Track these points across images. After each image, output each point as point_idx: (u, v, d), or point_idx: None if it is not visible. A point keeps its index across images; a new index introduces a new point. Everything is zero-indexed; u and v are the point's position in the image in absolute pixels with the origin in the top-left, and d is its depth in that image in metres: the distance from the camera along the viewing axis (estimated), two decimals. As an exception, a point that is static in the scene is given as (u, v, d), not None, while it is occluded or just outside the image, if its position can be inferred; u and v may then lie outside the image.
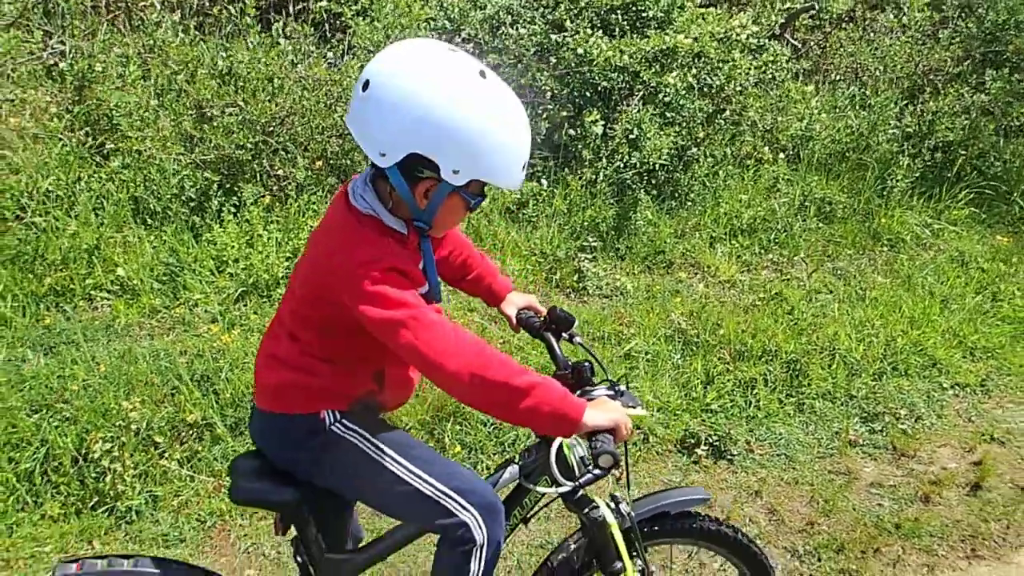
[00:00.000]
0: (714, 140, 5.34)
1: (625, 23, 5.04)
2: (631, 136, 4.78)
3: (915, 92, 6.40)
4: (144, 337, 3.72)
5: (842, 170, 5.60)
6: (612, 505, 1.80)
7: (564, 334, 1.95)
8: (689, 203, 5.09)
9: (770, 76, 5.55)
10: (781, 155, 5.48)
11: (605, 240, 4.71)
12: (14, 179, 4.21)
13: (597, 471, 1.61)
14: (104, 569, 1.65)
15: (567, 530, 2.84)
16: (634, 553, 1.82)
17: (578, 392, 1.72)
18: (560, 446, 1.69)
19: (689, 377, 3.75)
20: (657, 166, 4.86)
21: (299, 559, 1.79)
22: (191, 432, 3.21)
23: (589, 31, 4.83)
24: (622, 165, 4.83)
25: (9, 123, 4.49)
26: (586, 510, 1.76)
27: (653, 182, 5.00)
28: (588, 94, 4.92)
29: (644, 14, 5.07)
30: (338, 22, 4.95)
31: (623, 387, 1.76)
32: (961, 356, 4.14)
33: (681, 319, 4.08)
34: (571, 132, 4.87)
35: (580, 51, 4.75)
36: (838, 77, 6.45)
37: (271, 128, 4.28)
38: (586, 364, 1.79)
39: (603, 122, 4.74)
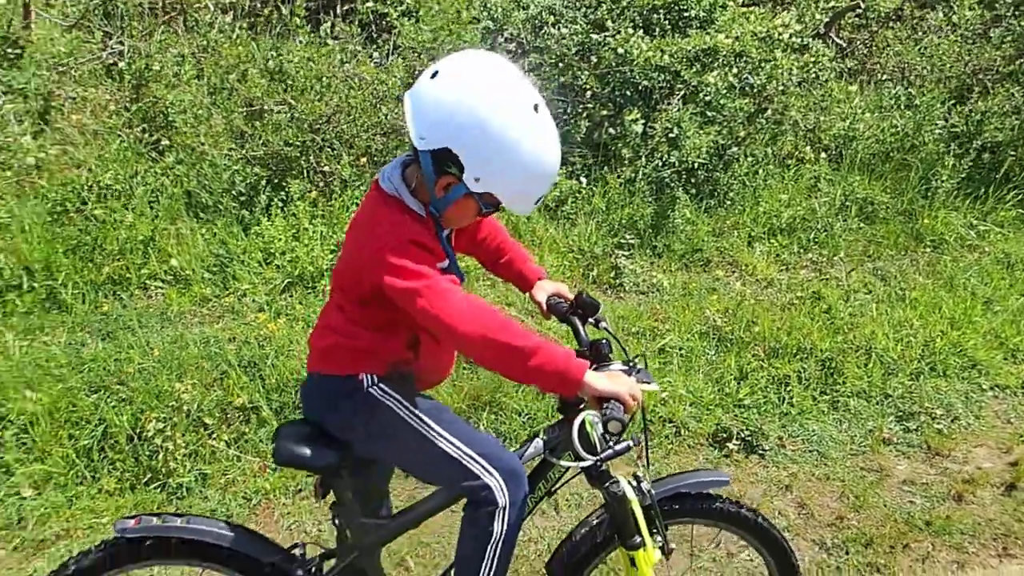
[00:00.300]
0: (755, 139, 5.33)
1: (667, 23, 5.08)
2: (671, 135, 4.82)
3: (963, 92, 6.29)
4: (195, 324, 3.88)
5: (885, 170, 5.54)
6: (633, 483, 1.86)
7: (590, 319, 2.02)
8: (728, 202, 5.10)
9: (813, 76, 5.53)
10: (823, 155, 5.45)
11: (643, 238, 4.75)
12: (75, 173, 4.43)
13: (618, 447, 1.70)
14: (159, 524, 1.79)
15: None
16: (654, 530, 1.89)
17: (594, 367, 1.79)
18: (583, 422, 1.76)
19: (723, 373, 3.78)
20: (696, 165, 4.89)
21: (336, 522, 1.90)
22: (238, 415, 3.35)
23: (630, 31, 4.88)
24: (661, 164, 4.87)
25: (71, 120, 4.73)
26: (607, 485, 1.83)
27: (692, 181, 5.03)
28: (628, 93, 4.97)
29: (686, 14, 5.10)
30: (384, 22, 5.08)
31: (640, 365, 1.83)
32: (1002, 358, 4.08)
33: (716, 316, 4.10)
34: (611, 131, 4.92)
35: (621, 51, 4.80)
36: (884, 76, 6.37)
37: (318, 126, 4.43)
38: (603, 342, 1.86)
39: (643, 121, 4.79)
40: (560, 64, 4.95)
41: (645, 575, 1.88)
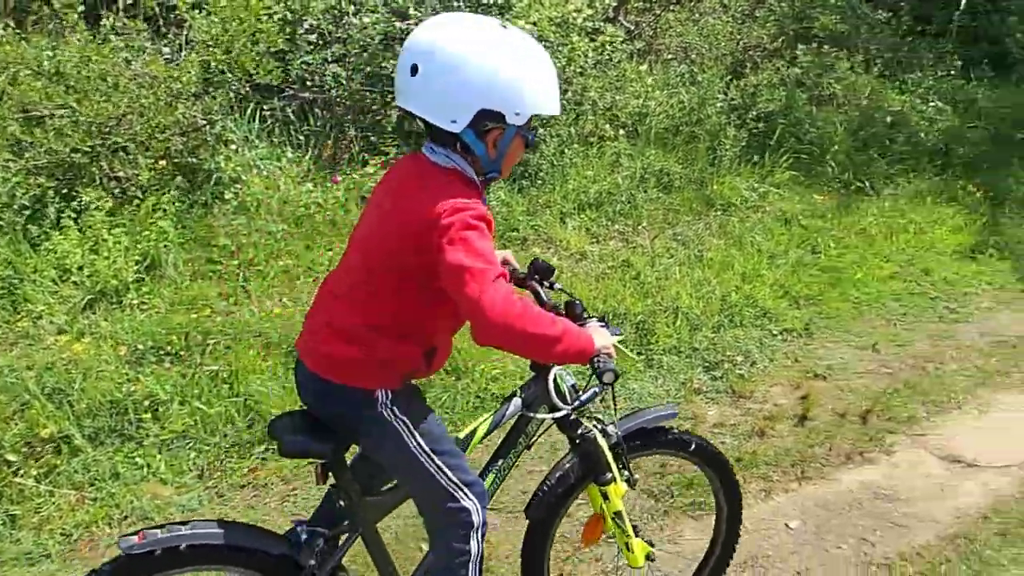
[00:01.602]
0: (559, 120, 5.58)
1: (467, 9, 5.18)
2: (480, 120, 4.92)
3: (738, 68, 6.93)
4: (-16, 355, 3.53)
5: (677, 143, 5.99)
6: (599, 426, 2.07)
7: (546, 282, 2.14)
8: (539, 182, 5.31)
9: (607, 57, 5.85)
10: (621, 132, 5.79)
11: (462, 222, 4.84)
12: None
13: (587, 395, 1.99)
14: (165, 535, 1.75)
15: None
16: (620, 465, 2.09)
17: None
18: (554, 377, 1.97)
19: (548, 345, 3.97)
20: (507, 148, 5.04)
21: (341, 503, 1.95)
22: (46, 447, 3.11)
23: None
24: (473, 149, 4.97)
25: None
26: (579, 431, 2.04)
27: (504, 163, 5.17)
28: (435, 81, 5.01)
29: (484, 1, 5.22)
30: (172, 16, 4.80)
31: (606, 320, 2.00)
32: (787, 305, 4.61)
33: (538, 292, 4.29)
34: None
35: (424, 39, 4.83)
36: (669, 56, 6.86)
37: (108, 129, 4.13)
38: (577, 302, 2.02)
39: (452, 107, 4.85)
40: (365, 54, 4.91)
41: (616, 506, 2.10)
